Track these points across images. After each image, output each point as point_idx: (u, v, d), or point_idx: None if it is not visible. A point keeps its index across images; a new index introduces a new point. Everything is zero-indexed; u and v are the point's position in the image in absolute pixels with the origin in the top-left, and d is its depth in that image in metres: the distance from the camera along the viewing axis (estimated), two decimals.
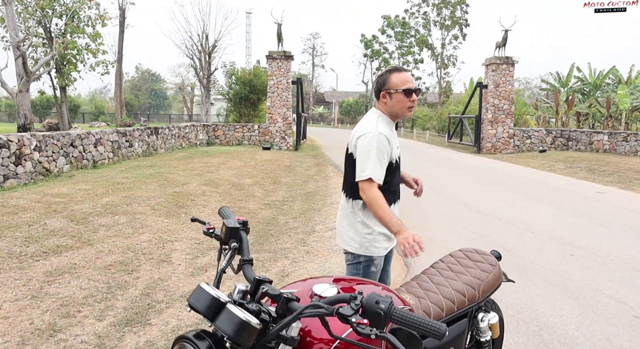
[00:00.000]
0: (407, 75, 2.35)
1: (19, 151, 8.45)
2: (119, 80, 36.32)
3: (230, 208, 1.67)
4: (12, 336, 3.09)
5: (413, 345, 1.17)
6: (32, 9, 24.53)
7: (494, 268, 2.12)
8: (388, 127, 2.38)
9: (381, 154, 2.28)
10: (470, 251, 2.28)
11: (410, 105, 2.34)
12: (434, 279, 2.03)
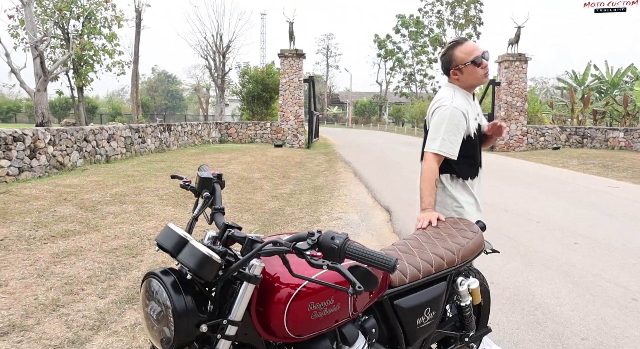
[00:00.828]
0: (469, 45, 2.33)
1: (34, 145, 8.67)
2: (135, 82, 36.84)
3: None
4: (17, 310, 3.20)
5: (369, 282, 1.21)
6: (50, 10, 25.08)
7: (475, 234, 2.15)
8: (465, 100, 2.40)
9: (454, 129, 2.30)
10: (453, 220, 2.31)
11: (484, 72, 2.35)
12: (413, 244, 2.06)
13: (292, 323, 1.34)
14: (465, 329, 2.15)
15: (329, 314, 1.42)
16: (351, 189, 8.81)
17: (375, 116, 54.64)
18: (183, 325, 1.16)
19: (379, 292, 1.70)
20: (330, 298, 1.40)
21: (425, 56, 42.18)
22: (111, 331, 3.01)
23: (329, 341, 1.51)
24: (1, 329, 2.94)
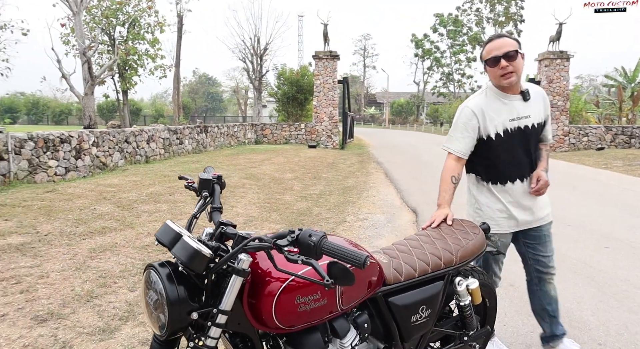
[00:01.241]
0: (495, 43, 2.26)
1: (79, 146, 9.19)
2: (176, 85, 38.04)
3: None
4: (55, 299, 3.46)
5: (345, 277, 1.30)
6: (98, 18, 26.29)
7: (476, 235, 2.18)
8: (490, 99, 2.36)
9: (461, 127, 2.38)
10: (456, 221, 2.35)
11: (501, 73, 2.24)
12: (413, 244, 2.12)
13: (281, 314, 1.45)
14: (466, 328, 2.19)
15: (316, 307, 1.52)
16: (380, 190, 8.84)
17: (413, 117, 54.03)
18: (176, 312, 1.29)
19: (373, 289, 1.78)
20: (317, 292, 1.50)
21: (464, 55, 41.39)
22: (138, 322, 3.21)
23: (319, 333, 1.61)
24: (41, 317, 3.20)
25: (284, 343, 1.64)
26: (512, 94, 2.34)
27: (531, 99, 2.36)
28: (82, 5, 18.77)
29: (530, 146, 2.38)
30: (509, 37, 2.31)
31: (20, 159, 7.82)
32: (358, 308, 1.84)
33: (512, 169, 2.39)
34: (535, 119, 2.37)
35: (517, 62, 2.23)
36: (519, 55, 2.24)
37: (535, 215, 2.48)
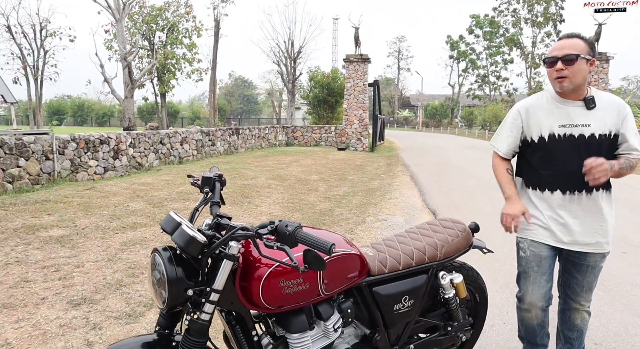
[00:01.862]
0: (560, 43, 2.15)
1: (117, 147, 9.73)
2: (212, 87, 39.08)
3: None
4: (89, 286, 3.81)
5: (317, 263, 1.50)
6: (140, 24, 27.40)
7: (461, 233, 2.34)
8: (544, 101, 2.26)
9: (505, 125, 2.37)
10: (445, 220, 2.51)
11: (556, 75, 2.12)
12: (400, 240, 2.30)
13: (267, 295, 1.67)
14: (452, 320, 2.35)
15: (299, 291, 1.73)
16: (403, 193, 8.95)
17: (447, 119, 53.36)
18: (174, 289, 1.53)
19: (356, 279, 1.97)
20: (299, 277, 1.71)
21: (500, 57, 40.61)
22: None
23: (304, 315, 1.82)
24: (76, 301, 3.54)
25: (273, 323, 1.86)
26: (572, 99, 2.18)
27: (598, 108, 2.14)
28: (124, 13, 19.66)
29: (586, 158, 2.07)
30: (582, 38, 2.15)
31: (63, 158, 8.38)
32: (344, 295, 2.04)
33: (554, 177, 2.23)
34: (597, 129, 2.14)
35: (575, 67, 2.07)
36: (580, 60, 2.08)
37: (576, 238, 2.24)
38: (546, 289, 2.37)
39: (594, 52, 2.15)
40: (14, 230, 5.00)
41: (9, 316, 3.25)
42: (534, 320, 2.42)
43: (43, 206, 6.08)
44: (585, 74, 2.12)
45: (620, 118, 2.17)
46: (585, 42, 2.13)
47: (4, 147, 7.32)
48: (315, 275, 1.76)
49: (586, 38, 2.16)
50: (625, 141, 2.16)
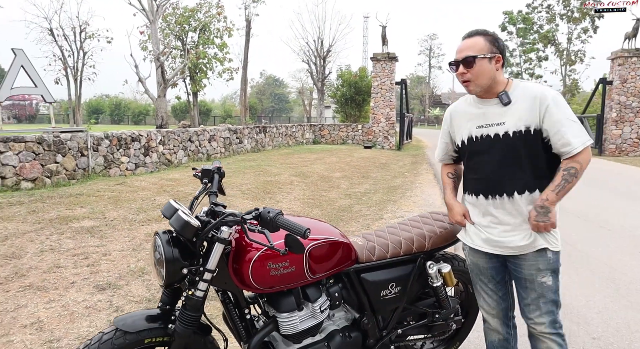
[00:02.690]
0: (461, 45, 2.03)
1: (147, 144, 10.16)
2: (243, 86, 39.74)
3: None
4: (114, 273, 4.10)
5: (296, 246, 1.66)
6: (173, 25, 28.17)
7: (451, 225, 2.45)
8: (467, 103, 2.16)
9: (441, 132, 2.33)
10: (437, 213, 2.62)
11: (460, 80, 2.03)
12: (391, 230, 2.44)
13: (256, 277, 1.85)
14: (441, 308, 2.47)
15: (286, 273, 1.90)
16: (425, 190, 8.99)
17: None
18: (170, 268, 1.73)
19: (343, 265, 2.13)
20: (285, 260, 1.89)
21: (535, 54, 39.50)
22: None
23: (293, 296, 1.99)
24: (101, 286, 3.83)
25: (264, 302, 2.04)
26: (489, 98, 2.04)
27: (513, 103, 1.97)
28: (157, 14, 20.31)
29: (507, 159, 1.99)
30: (483, 34, 2.01)
31: (97, 155, 8.83)
32: (333, 280, 2.20)
33: (477, 181, 2.11)
34: (512, 126, 1.96)
35: (476, 69, 1.95)
36: (480, 61, 1.95)
37: (499, 243, 2.06)
38: (496, 298, 2.21)
39: (498, 47, 1.98)
40: (50, 220, 5.38)
41: (41, 298, 3.56)
42: (494, 335, 2.30)
43: (77, 199, 6.47)
44: (490, 73, 1.97)
45: (538, 111, 1.93)
46: (485, 38, 1.98)
47: (43, 144, 7.80)
48: (301, 259, 1.93)
49: (488, 33, 2.02)
50: (555, 135, 1.91)
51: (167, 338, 1.82)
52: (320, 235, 2.03)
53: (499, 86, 2.01)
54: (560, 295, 2.07)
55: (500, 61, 2.00)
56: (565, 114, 1.92)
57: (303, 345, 2.05)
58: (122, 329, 1.74)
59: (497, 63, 1.99)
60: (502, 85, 2.02)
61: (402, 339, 2.43)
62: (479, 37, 2.00)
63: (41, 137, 7.81)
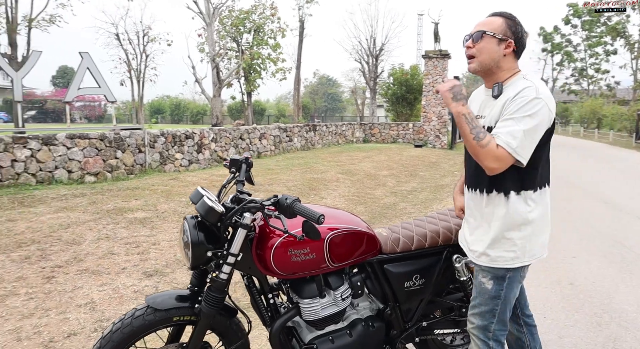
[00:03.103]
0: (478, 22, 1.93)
1: (200, 142, 10.57)
2: (296, 86, 40.29)
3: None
4: (161, 261, 4.34)
5: (312, 232, 1.71)
6: (229, 27, 29.05)
7: None
8: (479, 91, 2.06)
9: None
10: None
11: (466, 54, 1.92)
12: (417, 223, 2.43)
13: (277, 262, 1.92)
14: (468, 303, 2.44)
15: (307, 259, 1.96)
16: None
17: None
18: (196, 251, 1.84)
19: (365, 255, 2.16)
20: (306, 247, 1.94)
21: (602, 48, 37.19)
22: None
23: (315, 283, 2.05)
24: (149, 272, 4.07)
25: (287, 288, 2.11)
26: (489, 87, 1.92)
27: (500, 97, 1.84)
28: (214, 17, 21.04)
29: None
30: (505, 16, 1.89)
31: (153, 151, 9.31)
32: (358, 270, 2.24)
33: (467, 174, 2.05)
34: (488, 121, 1.86)
35: (481, 45, 1.84)
36: (488, 38, 1.84)
37: (467, 243, 2.03)
38: None
39: (514, 32, 1.85)
40: (107, 211, 5.75)
41: (95, 281, 3.83)
42: (507, 334, 2.15)
43: (132, 193, 6.87)
44: (493, 55, 1.84)
45: (506, 105, 1.78)
46: (505, 20, 1.86)
47: (104, 140, 8.33)
48: (321, 247, 1.98)
49: (510, 17, 1.89)
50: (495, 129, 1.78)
51: (194, 317, 1.93)
52: (342, 225, 2.08)
53: (501, 74, 1.88)
54: (503, 306, 1.92)
55: (510, 47, 1.85)
56: (517, 110, 1.73)
57: (325, 332, 2.10)
58: (153, 306, 1.87)
59: (506, 48, 1.85)
60: (505, 74, 1.88)
61: (428, 332, 2.43)
62: (499, 17, 1.89)
63: (103, 135, 8.34)
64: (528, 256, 1.86)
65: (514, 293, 1.94)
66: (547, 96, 1.76)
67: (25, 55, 16.77)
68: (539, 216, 1.86)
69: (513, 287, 1.92)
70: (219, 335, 2.05)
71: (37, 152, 7.50)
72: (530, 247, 1.85)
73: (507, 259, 1.86)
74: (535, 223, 1.85)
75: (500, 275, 1.90)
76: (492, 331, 1.97)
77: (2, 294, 3.49)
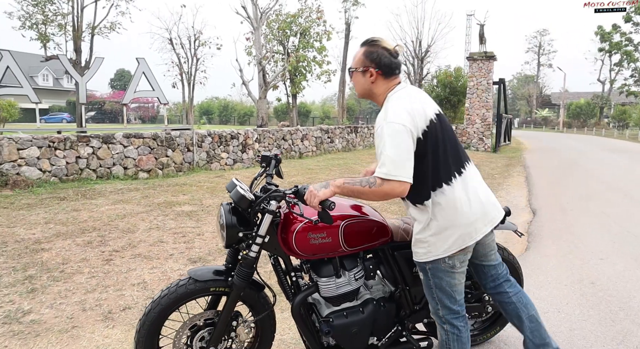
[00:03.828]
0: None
1: (245, 142, 11.10)
2: (342, 88, 40.64)
3: None
4: (204, 250, 4.77)
5: (325, 217, 2.01)
6: (276, 31, 29.81)
7: None
8: None
9: None
10: None
11: None
12: None
13: (298, 244, 2.24)
14: (476, 290, 2.67)
15: (324, 243, 2.27)
16: (510, 192, 8.76)
17: (594, 119, 47.88)
18: (229, 232, 2.19)
19: (378, 241, 2.44)
20: (323, 232, 2.25)
21: None
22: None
23: (332, 265, 2.35)
24: (193, 259, 4.50)
25: (308, 269, 2.43)
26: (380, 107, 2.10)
27: None
28: (261, 22, 21.73)
29: None
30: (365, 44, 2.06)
31: (201, 150, 9.90)
32: (372, 255, 2.53)
33: None
34: None
35: (354, 81, 2.10)
36: (355, 73, 2.07)
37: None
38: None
39: (374, 60, 2.01)
40: (158, 205, 6.29)
41: (147, 264, 4.30)
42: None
43: (181, 188, 7.42)
44: (363, 86, 2.06)
45: (375, 139, 1.99)
46: (365, 50, 2.03)
47: (157, 140, 8.98)
48: (336, 232, 2.28)
49: (369, 43, 2.04)
50: None
51: (227, 289, 2.29)
52: (356, 213, 2.37)
53: (378, 98, 2.07)
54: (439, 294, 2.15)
55: (374, 75, 2.01)
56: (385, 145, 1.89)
57: (340, 308, 2.40)
58: (194, 278, 2.24)
59: (371, 77, 2.02)
60: (381, 97, 2.05)
61: None
62: (360, 48, 2.06)
63: (156, 134, 9.00)
64: (441, 251, 2.05)
65: (446, 282, 2.11)
66: (395, 116, 1.89)
67: (88, 60, 18.04)
68: (443, 217, 2.02)
69: (441, 276, 2.11)
70: (248, 306, 2.40)
71: (98, 150, 8.22)
72: (441, 243, 2.04)
73: (421, 255, 2.12)
74: (438, 223, 2.03)
75: (422, 267, 2.17)
76: (442, 317, 2.19)
77: (69, 272, 4.01)
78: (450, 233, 2.03)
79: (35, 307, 3.35)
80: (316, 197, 1.98)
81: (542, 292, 3.79)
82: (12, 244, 4.69)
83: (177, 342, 2.24)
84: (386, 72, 2.01)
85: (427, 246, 2.09)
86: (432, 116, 1.99)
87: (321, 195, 1.98)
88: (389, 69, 2.01)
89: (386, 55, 2.00)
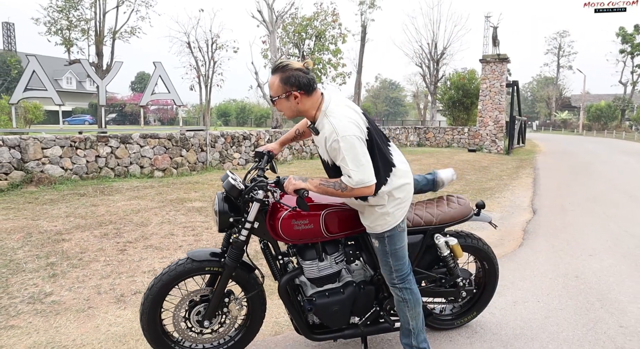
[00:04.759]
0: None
1: (257, 143, 11.44)
2: (357, 90, 40.81)
3: None
4: (212, 242, 5.09)
5: (302, 204, 2.28)
6: (292, 34, 30.20)
7: (460, 207, 2.86)
8: None
9: None
10: (452, 195, 3.04)
11: None
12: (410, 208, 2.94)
13: (284, 230, 2.52)
14: (451, 275, 2.91)
15: (306, 229, 2.54)
16: (515, 193, 8.90)
17: (615, 122, 47.10)
18: (221, 217, 2.48)
19: (360, 230, 2.69)
20: (306, 219, 2.53)
21: None
22: (259, 264, 4.58)
23: (315, 249, 2.63)
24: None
25: (294, 253, 2.71)
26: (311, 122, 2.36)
27: (320, 134, 2.27)
28: (276, 25, 22.14)
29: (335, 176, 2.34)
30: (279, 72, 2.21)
31: (214, 151, 10.27)
32: (353, 241, 2.79)
33: None
34: (322, 152, 2.38)
35: (279, 107, 2.29)
36: (278, 101, 2.24)
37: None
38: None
39: (293, 84, 2.17)
40: (170, 201, 6.65)
41: (158, 254, 4.63)
42: None
43: (193, 186, 7.78)
44: (290, 108, 2.24)
45: (329, 151, 2.22)
46: (279, 77, 2.18)
47: (172, 140, 9.38)
48: (317, 220, 2.55)
49: (281, 69, 2.20)
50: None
51: (221, 269, 2.58)
52: (337, 202, 2.64)
53: (308, 114, 2.29)
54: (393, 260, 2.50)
55: (297, 96, 2.20)
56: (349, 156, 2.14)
57: (323, 289, 2.67)
58: (192, 258, 2.54)
59: (295, 98, 2.21)
60: (311, 112, 2.27)
61: None
62: (275, 76, 2.21)
63: (171, 135, 9.39)
64: (398, 216, 2.44)
65: (400, 245, 2.49)
66: (345, 130, 2.13)
67: (109, 64, 18.66)
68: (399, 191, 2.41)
69: (395, 241, 2.47)
70: (240, 286, 2.69)
71: (116, 149, 8.65)
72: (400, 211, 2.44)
73: (382, 226, 2.44)
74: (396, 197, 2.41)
75: (380, 237, 2.48)
76: (395, 280, 2.56)
77: (87, 260, 4.37)
78: (404, 198, 2.44)
79: (56, 290, 3.71)
80: (293, 185, 2.31)
81: (525, 283, 4.00)
82: (36, 235, 5.08)
83: (177, 314, 2.55)
84: (307, 90, 2.21)
85: (389, 218, 2.43)
86: (362, 116, 2.30)
87: (297, 183, 2.31)
88: (308, 87, 2.20)
89: (302, 75, 2.18)
